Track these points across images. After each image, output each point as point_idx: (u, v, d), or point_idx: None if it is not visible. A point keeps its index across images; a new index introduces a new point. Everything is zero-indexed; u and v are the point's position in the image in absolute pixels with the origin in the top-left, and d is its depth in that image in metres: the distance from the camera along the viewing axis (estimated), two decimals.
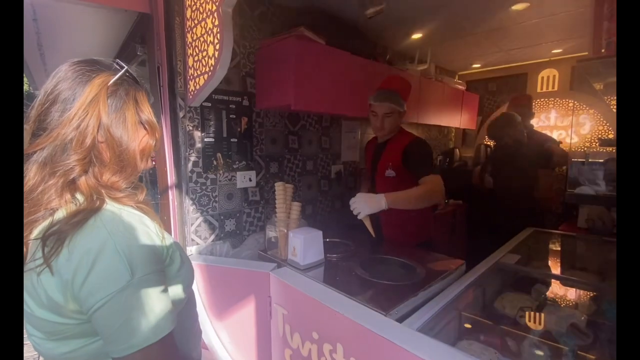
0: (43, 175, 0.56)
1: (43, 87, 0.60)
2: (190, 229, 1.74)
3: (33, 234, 0.56)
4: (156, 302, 0.56)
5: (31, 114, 0.60)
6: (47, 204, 0.56)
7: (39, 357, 2.25)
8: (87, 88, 0.59)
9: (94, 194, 0.59)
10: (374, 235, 1.42)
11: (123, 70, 0.65)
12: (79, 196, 0.58)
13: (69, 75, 0.60)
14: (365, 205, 1.35)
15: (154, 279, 0.57)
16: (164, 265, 0.63)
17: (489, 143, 3.16)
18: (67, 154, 0.57)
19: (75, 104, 0.58)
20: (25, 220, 0.55)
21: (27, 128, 0.60)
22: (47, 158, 0.57)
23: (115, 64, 0.66)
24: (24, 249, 0.56)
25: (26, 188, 0.56)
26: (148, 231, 0.61)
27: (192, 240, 1.76)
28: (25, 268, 0.55)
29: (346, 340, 0.98)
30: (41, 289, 0.54)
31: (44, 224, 0.55)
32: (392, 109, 1.64)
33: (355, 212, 1.38)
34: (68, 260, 0.53)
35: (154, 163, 1.77)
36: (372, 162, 1.84)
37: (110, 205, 0.60)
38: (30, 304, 0.56)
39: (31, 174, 0.56)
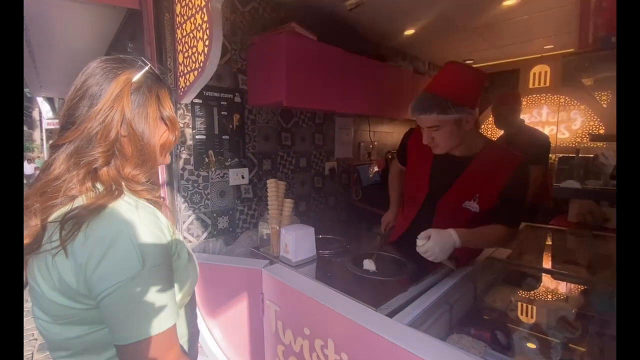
0: (68, 166, 0.59)
1: (73, 83, 0.64)
2: (182, 227, 1.73)
3: (51, 217, 0.58)
4: (163, 294, 0.58)
5: (63, 108, 0.63)
6: (68, 191, 0.58)
7: (33, 352, 2.24)
8: (112, 84, 0.62)
9: (114, 184, 0.61)
10: (455, 268, 1.21)
11: (146, 68, 0.67)
12: (99, 186, 0.61)
13: (97, 72, 0.63)
14: (440, 251, 1.06)
15: (163, 271, 0.59)
16: (172, 260, 0.65)
17: None
18: (92, 146, 0.60)
19: (101, 99, 0.61)
20: (45, 205, 0.58)
21: (59, 121, 0.64)
22: (73, 150, 0.60)
23: (140, 62, 0.68)
24: (42, 232, 0.58)
25: (51, 176, 0.59)
26: (160, 225, 0.63)
27: (185, 238, 1.75)
28: (42, 249, 0.57)
29: (337, 336, 0.98)
30: (55, 271, 0.56)
31: (64, 209, 0.58)
32: (435, 120, 1.15)
33: (429, 259, 1.08)
34: (83, 244, 0.55)
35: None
36: (430, 178, 1.33)
37: (127, 197, 0.62)
38: (42, 285, 0.58)
39: (57, 163, 0.60)
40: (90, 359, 0.62)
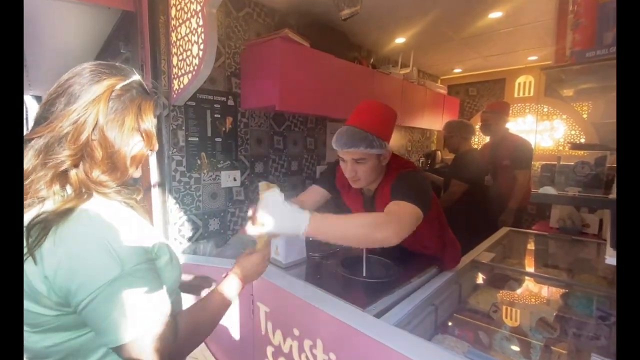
0: (35, 165, 0.58)
1: (60, 78, 0.62)
2: (173, 229, 1.73)
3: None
4: (150, 292, 0.57)
5: (42, 102, 0.62)
6: (36, 192, 0.56)
7: None
8: (94, 87, 0.61)
9: (83, 187, 0.60)
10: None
11: (132, 78, 0.66)
12: (68, 188, 0.59)
13: (84, 73, 0.62)
14: (278, 219, 0.85)
15: (145, 269, 0.59)
16: (152, 259, 0.64)
17: None
18: (61, 147, 0.58)
19: (79, 100, 0.59)
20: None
21: (35, 115, 0.61)
22: (42, 147, 0.58)
23: (131, 72, 0.68)
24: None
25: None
26: (133, 225, 0.62)
27: (175, 239, 1.75)
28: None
29: (326, 336, 1.01)
30: (33, 278, 0.54)
31: (32, 211, 0.56)
32: (362, 154, 1.13)
33: (258, 223, 0.86)
34: (53, 251, 0.53)
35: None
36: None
37: (97, 199, 0.61)
38: None
39: (26, 159, 0.58)
40: None
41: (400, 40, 2.68)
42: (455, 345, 1.00)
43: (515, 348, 1.06)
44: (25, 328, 0.58)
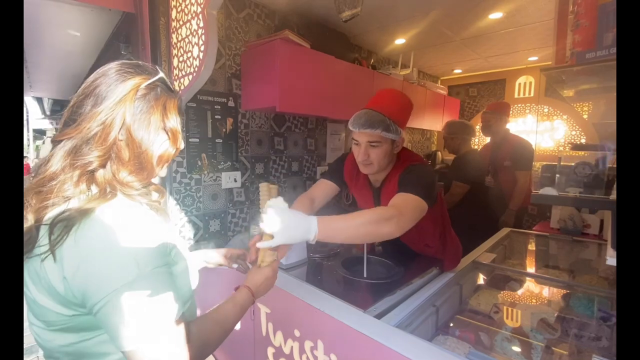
0: (64, 166, 0.58)
1: (87, 80, 0.63)
2: (174, 230, 1.73)
3: (45, 218, 0.56)
4: (164, 296, 0.57)
5: (70, 104, 0.62)
6: (62, 192, 0.57)
7: None
8: (120, 87, 0.61)
9: (109, 187, 0.60)
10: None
11: (157, 77, 0.66)
12: (93, 188, 0.59)
13: (110, 73, 0.62)
14: (287, 229, 0.81)
15: (162, 273, 0.58)
16: (169, 261, 0.64)
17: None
18: (89, 148, 0.59)
19: (106, 101, 0.60)
20: (39, 205, 0.56)
21: (63, 116, 0.62)
22: (71, 148, 0.59)
23: (155, 70, 0.68)
24: (36, 233, 0.56)
25: (46, 173, 0.58)
26: (155, 228, 0.61)
27: None
28: (32, 253, 0.56)
29: (326, 337, 1.00)
30: (44, 275, 0.54)
31: (56, 210, 0.56)
32: (378, 136, 1.15)
33: (266, 230, 0.81)
34: (73, 249, 0.53)
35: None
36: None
37: (121, 200, 0.61)
38: (32, 290, 0.57)
39: (54, 160, 0.59)
40: None
41: (400, 41, 2.68)
42: (456, 346, 1.00)
43: (517, 349, 1.06)
44: (41, 325, 0.58)
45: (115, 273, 0.52)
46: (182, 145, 0.73)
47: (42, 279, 0.55)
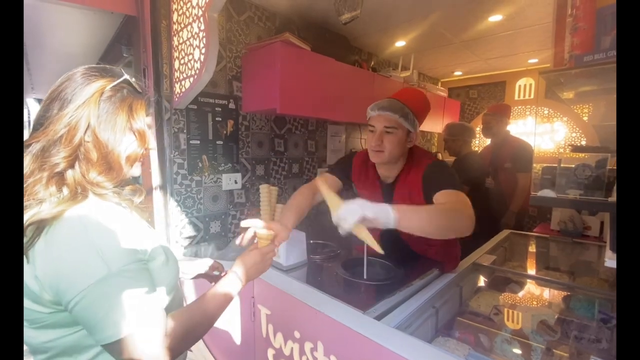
0: (33, 169, 0.59)
1: (55, 83, 0.64)
2: (174, 231, 1.74)
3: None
4: (139, 291, 0.58)
5: (39, 107, 0.64)
6: (34, 194, 0.58)
7: None
8: (85, 89, 0.63)
9: (79, 188, 0.61)
10: (381, 251, 0.89)
11: (122, 78, 0.68)
12: (64, 190, 0.60)
13: (76, 77, 0.64)
14: (342, 215, 0.86)
15: (134, 270, 0.59)
16: (145, 260, 0.65)
17: None
18: (56, 149, 0.60)
19: (72, 103, 0.61)
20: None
21: (34, 121, 0.64)
22: (39, 151, 0.60)
23: (121, 72, 0.69)
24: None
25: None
26: (125, 226, 0.62)
27: (177, 242, 1.76)
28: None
29: (326, 339, 1.01)
30: (25, 277, 0.56)
31: (30, 212, 0.57)
32: (395, 122, 1.18)
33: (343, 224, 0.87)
34: (44, 251, 0.55)
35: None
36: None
37: (92, 200, 0.62)
38: None
39: (25, 163, 0.60)
40: None
41: (400, 43, 2.69)
42: (456, 348, 1.00)
43: (517, 351, 1.06)
44: (25, 323, 0.60)
45: (85, 272, 0.54)
46: (152, 145, 0.74)
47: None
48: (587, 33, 0.85)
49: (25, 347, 0.61)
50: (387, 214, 0.85)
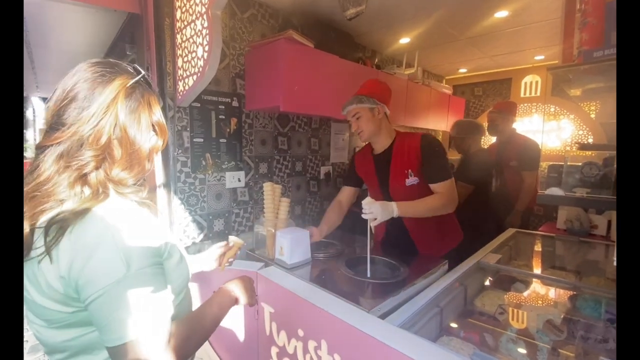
0: (57, 168, 0.59)
1: (61, 84, 0.63)
2: (178, 229, 1.74)
3: (39, 222, 0.58)
4: (152, 295, 0.58)
5: (49, 108, 0.62)
6: (57, 194, 0.58)
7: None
8: (107, 89, 0.62)
9: (101, 187, 0.62)
10: (370, 242, 1.33)
11: (141, 75, 0.68)
12: (86, 189, 0.61)
13: (88, 75, 0.62)
14: (381, 211, 1.26)
15: (151, 273, 0.59)
16: (162, 260, 0.65)
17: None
18: (83, 150, 0.60)
19: (94, 103, 0.61)
20: (34, 210, 0.57)
21: (45, 122, 0.63)
22: (63, 152, 0.60)
23: (132, 68, 0.69)
24: (31, 237, 0.58)
25: (40, 178, 0.59)
26: (148, 226, 0.63)
27: (180, 239, 1.76)
28: (29, 257, 0.57)
29: (330, 337, 1.00)
30: (42, 277, 0.56)
31: (51, 213, 0.57)
32: (356, 109, 1.51)
33: (369, 217, 1.27)
34: (68, 249, 0.55)
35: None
36: (377, 175, 1.62)
37: (115, 199, 0.63)
38: (31, 292, 0.58)
39: (46, 165, 0.59)
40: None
41: (404, 40, 2.67)
42: (461, 347, 0.99)
43: (522, 350, 1.05)
44: (42, 324, 0.60)
45: (103, 271, 0.54)
46: (167, 136, 0.75)
47: (40, 280, 0.56)
48: (596, 28, 0.83)
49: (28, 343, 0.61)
50: (392, 212, 1.30)
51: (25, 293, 0.59)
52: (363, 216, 1.27)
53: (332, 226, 1.66)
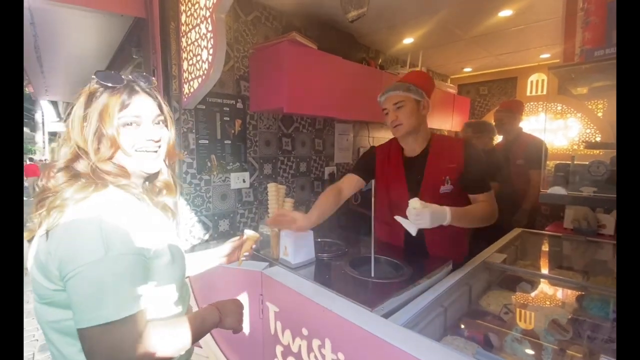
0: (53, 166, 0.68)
1: None
2: (184, 229, 1.76)
3: (44, 208, 0.64)
4: (126, 282, 0.60)
5: None
6: (57, 186, 0.66)
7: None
8: (80, 98, 0.70)
9: (97, 178, 0.68)
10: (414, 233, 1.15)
11: (95, 80, 0.72)
12: (83, 180, 0.67)
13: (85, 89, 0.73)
14: (430, 219, 1.10)
15: (130, 261, 0.61)
16: (148, 254, 0.66)
17: None
18: (68, 148, 0.69)
19: (74, 108, 0.70)
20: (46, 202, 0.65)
21: None
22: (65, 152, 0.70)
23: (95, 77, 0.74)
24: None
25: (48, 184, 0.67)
26: (138, 219, 0.66)
27: (186, 240, 1.78)
28: (37, 235, 0.65)
29: (334, 336, 1.01)
30: (42, 253, 0.62)
31: (53, 199, 0.64)
32: (403, 97, 1.35)
33: (416, 221, 1.11)
34: (59, 229, 0.60)
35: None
36: (407, 178, 1.46)
37: (111, 190, 0.68)
38: (32, 266, 0.64)
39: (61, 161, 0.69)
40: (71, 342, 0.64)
41: (408, 40, 2.66)
42: (465, 347, 0.99)
43: (527, 350, 1.04)
44: (37, 298, 0.65)
45: (84, 250, 0.58)
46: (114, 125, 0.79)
47: (40, 256, 0.63)
48: (598, 27, 0.83)
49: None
50: (444, 218, 1.13)
51: (30, 268, 0.65)
52: (408, 219, 1.12)
53: (322, 215, 1.40)
